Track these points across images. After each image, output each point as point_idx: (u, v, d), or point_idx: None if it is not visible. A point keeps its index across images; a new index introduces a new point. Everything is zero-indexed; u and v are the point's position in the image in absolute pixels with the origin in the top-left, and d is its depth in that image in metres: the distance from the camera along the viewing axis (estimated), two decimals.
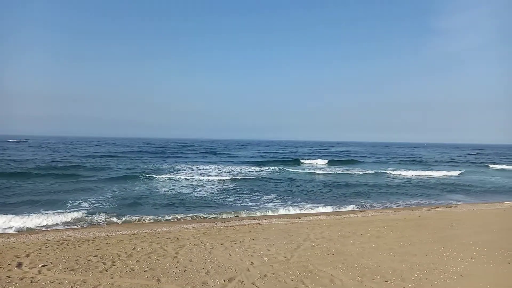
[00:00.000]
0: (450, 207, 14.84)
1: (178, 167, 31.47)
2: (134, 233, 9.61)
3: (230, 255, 7.10)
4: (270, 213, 13.68)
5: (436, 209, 14.27)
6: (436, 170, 32.93)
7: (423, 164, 43.09)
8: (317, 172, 30.03)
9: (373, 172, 31.03)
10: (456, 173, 31.52)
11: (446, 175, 29.79)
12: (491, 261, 6.74)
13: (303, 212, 13.97)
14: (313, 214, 13.20)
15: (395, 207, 15.49)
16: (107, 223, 11.83)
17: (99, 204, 14.41)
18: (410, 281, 5.66)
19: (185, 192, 18.04)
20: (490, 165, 41.18)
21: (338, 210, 14.52)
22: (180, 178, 23.00)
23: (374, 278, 5.78)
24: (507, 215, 12.03)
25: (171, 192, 17.73)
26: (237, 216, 13.21)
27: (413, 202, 16.77)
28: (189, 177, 23.43)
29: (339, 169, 33.88)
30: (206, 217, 12.86)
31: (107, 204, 14.60)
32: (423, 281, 5.66)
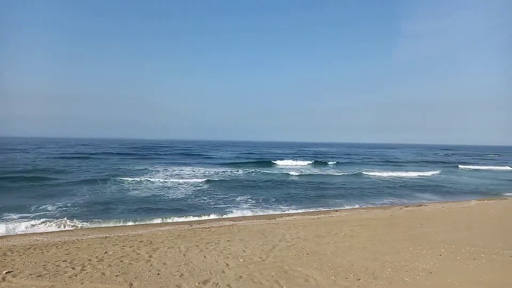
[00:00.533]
0: (420, 206, 15.34)
1: (151, 168, 30.85)
2: (106, 237, 9.32)
3: (205, 257, 7.02)
4: (246, 214, 13.66)
5: (407, 208, 14.72)
6: (409, 171, 34.00)
7: (397, 164, 44.38)
8: (292, 173, 30.29)
9: (347, 172, 31.65)
10: (427, 173, 32.63)
11: (418, 175, 30.79)
12: (458, 258, 7.01)
13: (278, 212, 14.03)
14: (288, 215, 13.29)
15: (369, 206, 15.84)
16: (77, 227, 11.41)
17: (67, 208, 13.89)
18: (382, 278, 5.79)
19: (159, 194, 17.69)
20: (460, 166, 42.92)
21: (313, 210, 14.69)
22: (153, 180, 22.53)
23: (348, 276, 5.87)
24: (473, 213, 12.57)
25: (144, 195, 17.34)
26: (213, 217, 13.10)
27: (386, 202, 17.21)
28: (163, 179, 23.01)
29: (315, 170, 34.37)
30: (180, 220, 12.66)
31: (77, 208, 14.09)
32: (394, 278, 5.81)
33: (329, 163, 43.59)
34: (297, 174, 29.75)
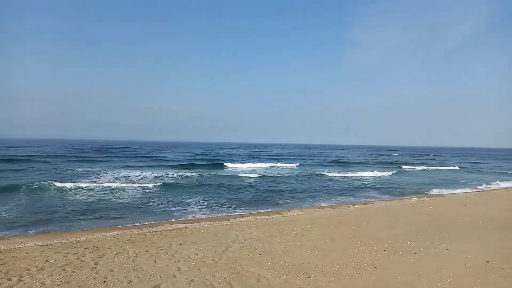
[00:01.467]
0: (367, 204, 16.15)
1: (98, 171, 29.29)
2: (47, 244, 8.68)
3: (155, 262, 6.81)
4: (199, 216, 13.47)
5: (355, 206, 15.41)
6: (359, 171, 35.65)
7: (346, 165, 46.33)
8: (246, 174, 30.41)
9: (301, 173, 32.46)
10: (376, 173, 34.41)
11: (368, 175, 32.37)
12: (401, 252, 7.49)
13: (232, 214, 14.01)
14: (242, 216, 13.32)
15: (321, 205, 16.36)
16: (13, 235, 10.50)
17: (2, 215, 12.75)
18: (331, 275, 6.00)
19: (106, 198, 16.80)
20: (403, 166, 45.75)
21: (267, 210, 14.86)
22: (100, 183, 21.38)
23: (298, 275, 6.01)
24: (414, 210, 13.48)
25: (89, 199, 16.36)
26: (164, 221, 12.75)
27: (336, 201, 17.88)
28: (110, 183, 21.91)
29: (269, 171, 34.81)
30: (130, 224, 12.16)
31: (13, 214, 12.98)
32: (342, 274, 6.05)
33: (284, 164, 44.37)
34: (251, 175, 29.92)
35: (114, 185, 20.89)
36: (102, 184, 20.97)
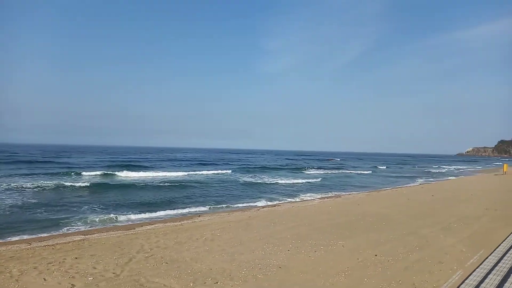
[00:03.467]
0: (275, 206, 16.88)
1: None
2: None
3: (45, 279, 6.05)
4: (99, 226, 12.41)
5: (264, 208, 15.98)
6: (270, 176, 37.06)
7: (258, 169, 47.74)
8: (145, 180, 29.21)
9: (210, 176, 32.40)
10: (288, 178, 36.19)
11: (273, 179, 33.86)
12: (303, 251, 7.98)
13: (138, 222, 13.25)
14: (150, 223, 12.69)
15: (232, 209, 16.52)
16: None
17: None
18: (238, 278, 6.09)
19: None
20: (307, 170, 49.09)
21: (176, 216, 14.45)
22: None
23: (206, 281, 5.95)
24: (316, 210, 14.54)
25: None
26: (59, 233, 11.44)
27: (246, 205, 18.20)
28: None
29: (182, 175, 33.99)
30: (15, 238, 10.59)
31: None
32: (248, 277, 6.19)
33: (197, 167, 43.80)
34: (155, 180, 28.82)
35: None
36: None
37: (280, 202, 19.13)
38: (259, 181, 30.93)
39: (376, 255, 7.54)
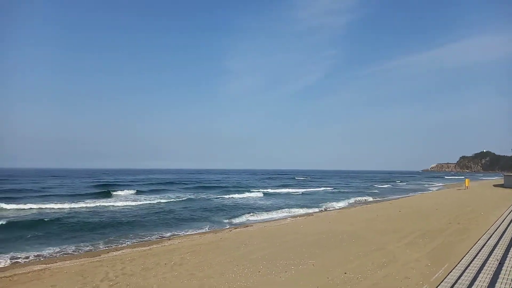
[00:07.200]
0: (247, 226, 16.73)
1: None
2: None
3: None
4: (60, 254, 11.77)
5: (236, 229, 15.78)
6: (236, 193, 36.89)
7: (221, 189, 47.19)
8: (115, 203, 28.28)
9: (177, 198, 31.81)
10: (254, 194, 36.10)
11: (242, 197, 33.70)
12: (273, 272, 7.92)
13: (104, 249, 12.69)
14: (116, 249, 12.20)
15: (202, 231, 16.18)
16: None
17: None
18: None
19: None
20: (270, 189, 48.99)
21: (143, 241, 13.97)
22: None
23: None
24: (288, 230, 14.54)
25: None
26: (18, 262, 10.74)
27: (215, 227, 17.90)
28: None
29: (146, 197, 33.10)
30: None
31: None
32: None
33: (166, 189, 42.86)
34: (119, 203, 27.91)
35: None
36: None
37: (253, 222, 18.98)
38: (235, 197, 30.70)
39: (345, 273, 7.61)
